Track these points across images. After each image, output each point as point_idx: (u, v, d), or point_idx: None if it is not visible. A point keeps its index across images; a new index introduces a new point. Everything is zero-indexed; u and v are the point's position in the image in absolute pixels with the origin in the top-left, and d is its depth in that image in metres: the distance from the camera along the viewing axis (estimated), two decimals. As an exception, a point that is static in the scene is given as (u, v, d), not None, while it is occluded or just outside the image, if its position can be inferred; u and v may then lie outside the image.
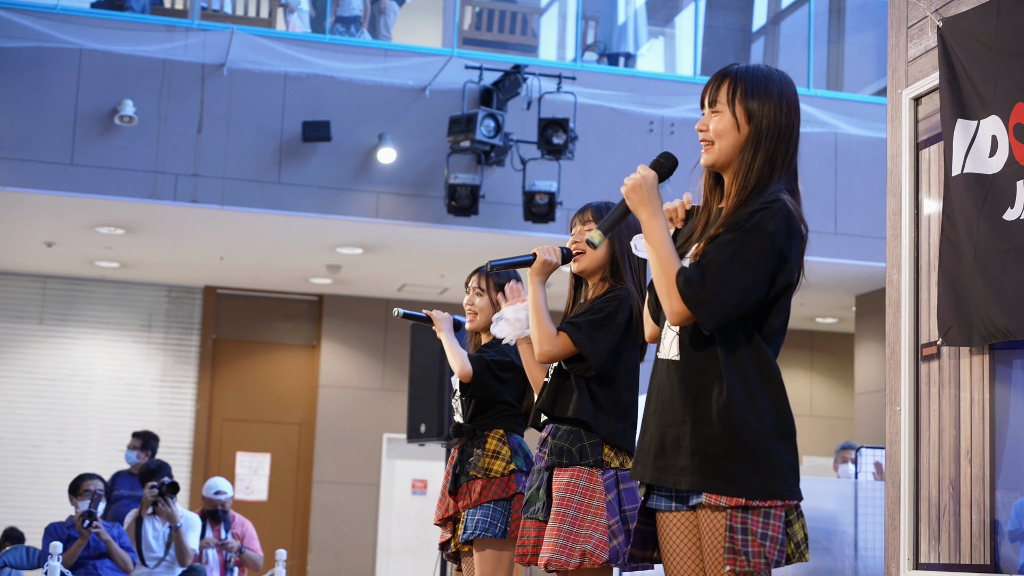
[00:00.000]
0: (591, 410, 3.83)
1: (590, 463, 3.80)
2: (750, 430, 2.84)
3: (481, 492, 4.59)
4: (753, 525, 2.85)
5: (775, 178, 3.00)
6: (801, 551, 2.92)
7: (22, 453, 12.44)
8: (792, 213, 2.93)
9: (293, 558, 12.66)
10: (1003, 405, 4.14)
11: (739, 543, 2.84)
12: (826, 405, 14.21)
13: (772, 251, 2.88)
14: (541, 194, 9.84)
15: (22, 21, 9.48)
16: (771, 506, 2.87)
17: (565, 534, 3.73)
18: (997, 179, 4.01)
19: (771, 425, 2.86)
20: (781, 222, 2.89)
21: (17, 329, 12.64)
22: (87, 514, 7.48)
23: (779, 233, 2.88)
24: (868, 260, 10.77)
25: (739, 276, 2.85)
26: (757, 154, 2.98)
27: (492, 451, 4.65)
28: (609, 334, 3.85)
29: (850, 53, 12.40)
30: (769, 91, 2.99)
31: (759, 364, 2.89)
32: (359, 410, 13.09)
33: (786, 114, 3.01)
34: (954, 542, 4.29)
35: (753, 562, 2.84)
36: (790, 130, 3.03)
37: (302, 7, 10.88)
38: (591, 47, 11.81)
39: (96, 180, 9.61)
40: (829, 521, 7.76)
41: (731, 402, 2.84)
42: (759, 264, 2.86)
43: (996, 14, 4.11)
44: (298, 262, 11.96)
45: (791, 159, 3.05)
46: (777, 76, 3.04)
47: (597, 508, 3.76)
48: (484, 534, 4.53)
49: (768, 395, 2.88)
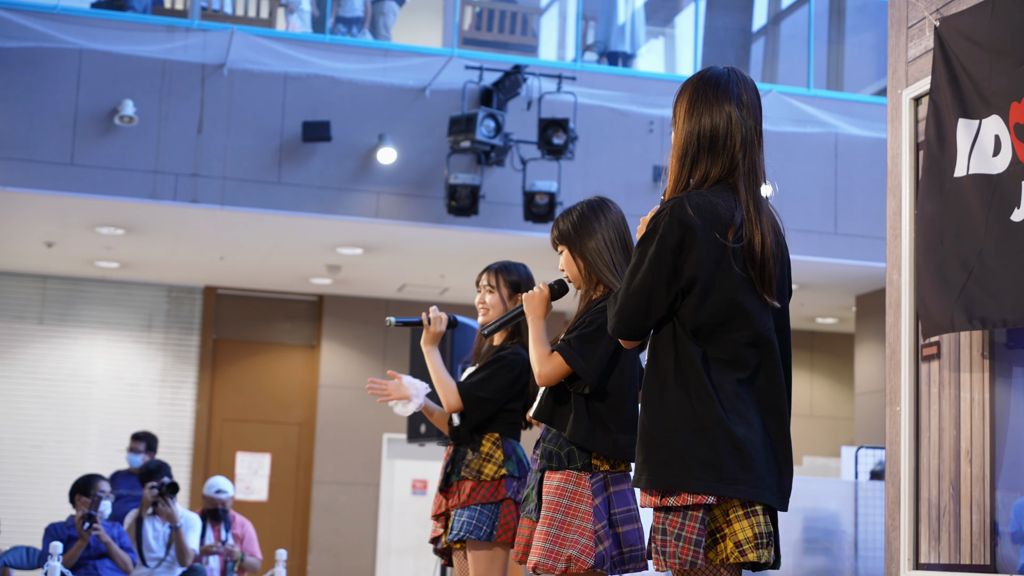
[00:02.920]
0: (587, 430, 3.80)
1: (578, 467, 3.80)
2: (657, 425, 2.90)
3: (470, 494, 4.62)
4: (670, 526, 2.89)
5: (698, 180, 3.05)
6: (752, 549, 2.88)
7: (22, 453, 12.44)
8: (682, 209, 2.95)
9: (293, 558, 12.66)
10: (1003, 405, 4.14)
11: (658, 543, 2.92)
12: (826, 405, 14.21)
13: (665, 251, 2.94)
14: (541, 194, 9.84)
15: (22, 21, 9.47)
16: (685, 505, 2.87)
17: (552, 538, 3.73)
18: (1003, 179, 4.01)
19: (682, 419, 2.88)
20: (670, 221, 2.95)
21: (17, 329, 12.64)
22: (87, 516, 7.47)
23: (669, 232, 2.94)
24: (868, 260, 10.76)
25: (638, 284, 2.96)
26: (678, 158, 3.08)
27: (485, 454, 4.66)
28: (601, 346, 3.82)
29: (850, 53, 12.40)
30: (680, 99, 3.11)
31: (683, 358, 2.93)
32: (359, 410, 13.09)
33: (699, 114, 3.06)
34: (954, 542, 4.29)
35: (669, 562, 2.89)
36: (710, 131, 3.05)
37: (303, 7, 10.88)
38: (591, 47, 11.81)
39: (96, 180, 9.61)
40: (829, 521, 7.76)
41: (645, 398, 2.95)
42: (654, 268, 2.95)
43: (990, 14, 4.12)
44: (298, 262, 11.96)
45: (721, 158, 3.05)
46: (696, 78, 3.10)
47: (584, 513, 3.75)
48: (468, 536, 4.57)
49: (684, 389, 2.91)
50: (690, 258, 2.93)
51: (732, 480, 2.86)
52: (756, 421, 2.94)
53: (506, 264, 4.84)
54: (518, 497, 4.62)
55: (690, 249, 2.92)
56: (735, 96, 3.06)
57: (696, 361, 2.91)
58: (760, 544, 2.90)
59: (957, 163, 4.19)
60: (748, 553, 2.88)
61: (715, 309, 2.95)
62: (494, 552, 4.58)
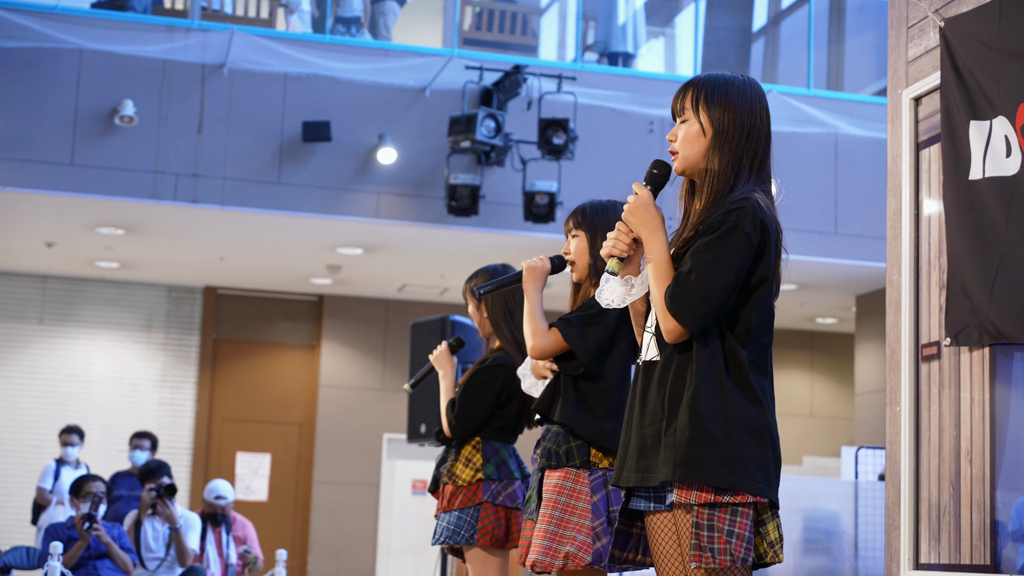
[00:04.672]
0: (574, 411, 3.84)
1: (576, 464, 3.81)
2: (715, 421, 2.88)
3: (450, 498, 4.67)
4: (719, 522, 2.88)
5: (743, 178, 3.04)
6: (776, 551, 2.93)
7: (22, 453, 12.44)
8: (765, 210, 2.98)
9: (293, 558, 12.66)
10: (1003, 405, 4.14)
11: (704, 539, 2.88)
12: (826, 405, 14.21)
13: (749, 249, 2.93)
14: (541, 194, 9.84)
15: (22, 21, 9.47)
16: (738, 503, 2.88)
17: (550, 535, 3.75)
18: (1018, 181, 4.00)
19: (739, 419, 2.89)
20: (755, 220, 2.94)
21: (17, 329, 12.64)
22: (87, 516, 7.47)
23: (754, 231, 2.94)
24: (868, 260, 10.76)
25: (721, 279, 2.91)
26: (723, 156, 3.04)
27: (464, 458, 4.69)
28: (599, 330, 3.86)
29: (850, 53, 12.39)
30: (728, 95, 3.06)
31: (731, 360, 2.93)
32: (359, 410, 13.09)
33: (748, 115, 3.06)
34: (954, 542, 4.29)
35: (719, 559, 2.86)
36: (755, 131, 3.06)
37: (303, 7, 10.88)
38: (591, 47, 11.82)
39: (96, 180, 9.61)
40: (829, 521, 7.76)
41: (698, 394, 2.89)
42: (739, 265, 2.93)
43: (998, 14, 4.11)
44: (298, 262, 11.96)
45: (760, 160, 3.08)
46: (739, 80, 3.11)
47: (582, 510, 3.77)
48: (449, 541, 4.62)
49: (739, 391, 2.91)
50: (764, 259, 2.96)
51: (772, 484, 2.92)
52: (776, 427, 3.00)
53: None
54: (498, 500, 4.62)
55: (766, 250, 2.95)
56: (764, 100, 3.13)
57: (744, 364, 2.93)
58: (783, 545, 2.97)
59: (972, 166, 4.18)
60: (780, 553, 2.94)
61: (767, 313, 2.99)
62: (486, 554, 4.60)
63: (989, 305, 4.07)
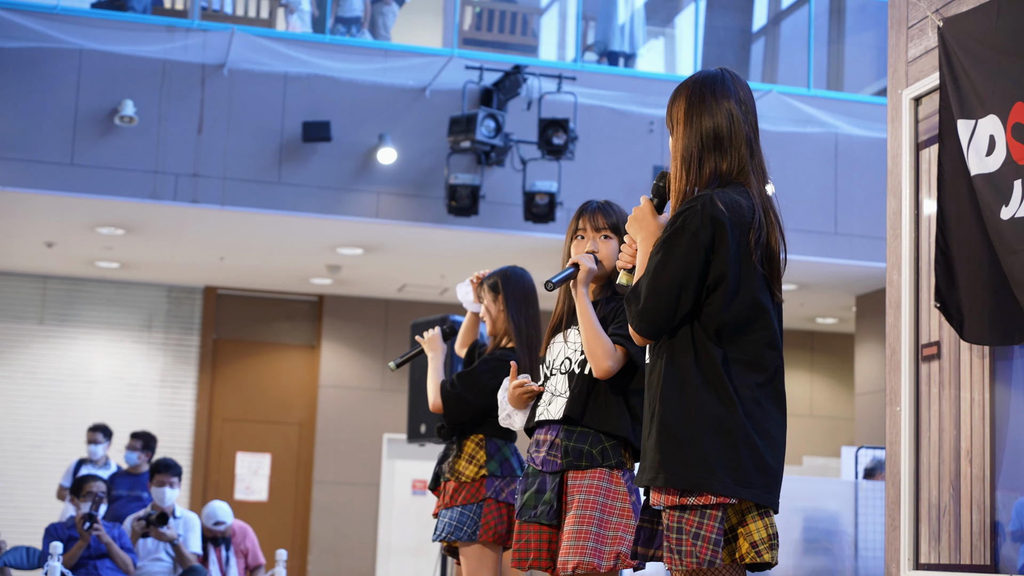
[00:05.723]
0: (630, 425, 3.80)
1: (612, 464, 3.77)
2: (679, 423, 2.88)
3: (452, 495, 4.67)
4: (688, 525, 2.87)
5: (708, 180, 3.02)
6: (760, 551, 2.90)
7: (22, 453, 12.44)
8: (713, 205, 2.94)
9: (293, 558, 12.66)
10: (1003, 405, 4.14)
11: (674, 542, 2.89)
12: (826, 405, 14.21)
13: (697, 247, 2.92)
14: (541, 194, 9.84)
15: (22, 21, 9.47)
16: (705, 505, 2.87)
17: (595, 537, 3.68)
18: (994, 179, 4.01)
19: (705, 420, 2.88)
20: (702, 218, 2.92)
21: (17, 329, 12.64)
22: (88, 516, 7.47)
23: (702, 229, 2.92)
24: (868, 260, 10.76)
25: (665, 280, 2.92)
26: (683, 161, 3.05)
27: (467, 455, 4.69)
28: None
29: (850, 53, 12.39)
30: (678, 98, 3.08)
31: (703, 359, 2.92)
32: (359, 410, 13.09)
33: (699, 115, 3.04)
34: (954, 542, 4.29)
35: (685, 561, 2.86)
36: (713, 130, 3.03)
37: (303, 7, 10.88)
38: (591, 47, 11.82)
39: (96, 180, 9.61)
40: (829, 521, 7.76)
41: (663, 396, 2.92)
42: (685, 265, 2.91)
43: (996, 14, 4.11)
44: (298, 262, 11.96)
45: (729, 155, 3.04)
46: (691, 81, 3.09)
47: (623, 510, 3.74)
48: (450, 537, 4.61)
49: (708, 390, 2.90)
50: (719, 256, 2.92)
51: (750, 484, 2.88)
52: (772, 425, 2.95)
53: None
54: (501, 496, 4.62)
55: (720, 246, 2.92)
56: (733, 93, 3.07)
57: (717, 362, 2.91)
58: (773, 545, 2.92)
59: (970, 163, 4.18)
60: (764, 554, 2.91)
61: (740, 308, 2.95)
62: (482, 551, 4.60)
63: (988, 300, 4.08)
